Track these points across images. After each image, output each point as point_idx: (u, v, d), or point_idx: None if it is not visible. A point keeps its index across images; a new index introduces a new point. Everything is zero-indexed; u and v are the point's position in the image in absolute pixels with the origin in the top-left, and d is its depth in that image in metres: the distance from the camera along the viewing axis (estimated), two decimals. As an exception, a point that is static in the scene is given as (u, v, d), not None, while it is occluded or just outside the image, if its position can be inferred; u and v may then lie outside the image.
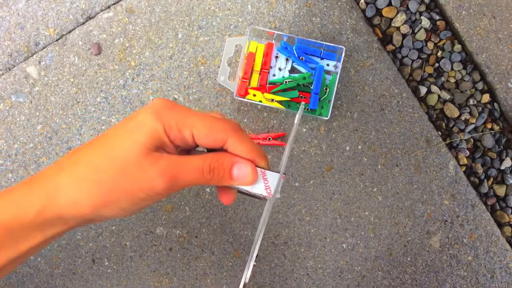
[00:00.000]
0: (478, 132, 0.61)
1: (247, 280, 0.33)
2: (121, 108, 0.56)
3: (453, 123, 0.61)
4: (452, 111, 0.61)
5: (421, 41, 0.61)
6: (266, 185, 0.33)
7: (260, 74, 0.54)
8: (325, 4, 0.58)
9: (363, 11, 0.60)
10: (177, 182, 0.31)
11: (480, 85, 0.61)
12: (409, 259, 0.57)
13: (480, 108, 0.61)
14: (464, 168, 0.60)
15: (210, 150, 0.35)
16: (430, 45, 0.61)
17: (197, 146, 0.34)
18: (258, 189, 0.33)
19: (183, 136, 0.32)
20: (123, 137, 0.31)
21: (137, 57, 0.56)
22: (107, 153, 0.31)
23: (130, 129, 0.31)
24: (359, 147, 0.57)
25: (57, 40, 0.56)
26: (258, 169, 0.33)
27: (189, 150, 0.35)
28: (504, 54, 0.60)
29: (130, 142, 0.31)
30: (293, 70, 0.55)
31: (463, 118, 0.61)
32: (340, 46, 0.53)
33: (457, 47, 0.61)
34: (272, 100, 0.54)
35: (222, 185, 0.34)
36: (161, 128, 0.31)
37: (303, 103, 0.36)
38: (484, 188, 0.60)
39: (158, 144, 0.31)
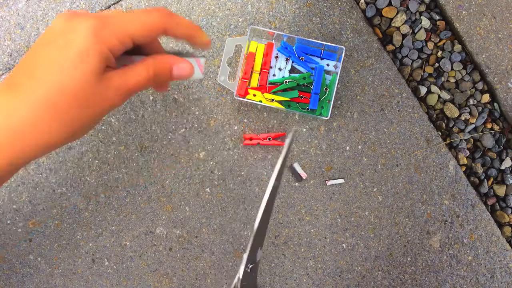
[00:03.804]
0: (478, 132, 0.61)
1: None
2: (121, 108, 0.56)
3: (453, 123, 0.61)
4: (452, 111, 0.61)
5: (421, 41, 0.61)
6: (201, 69, 0.38)
7: (260, 74, 0.54)
8: (325, 4, 0.58)
9: (363, 11, 0.60)
10: (130, 94, 0.35)
11: (480, 85, 0.61)
12: (409, 259, 0.57)
13: (480, 108, 0.61)
14: (464, 168, 0.60)
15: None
16: (430, 45, 0.61)
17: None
18: (196, 75, 0.38)
19: (125, 47, 0.33)
20: (72, 69, 0.31)
21: (137, 57, 0.56)
22: (62, 90, 0.31)
23: (77, 60, 0.31)
24: (359, 147, 0.57)
25: (57, 40, 0.56)
26: (192, 59, 0.37)
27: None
28: (504, 54, 0.60)
29: (82, 74, 0.31)
30: (293, 70, 0.55)
31: (463, 118, 0.61)
32: (340, 46, 0.53)
33: (457, 47, 0.61)
34: (272, 100, 0.54)
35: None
36: (106, 50, 0.32)
37: (290, 133, 0.38)
38: (484, 188, 0.60)
39: (106, 65, 0.32)
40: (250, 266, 0.37)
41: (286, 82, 0.54)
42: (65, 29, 0.32)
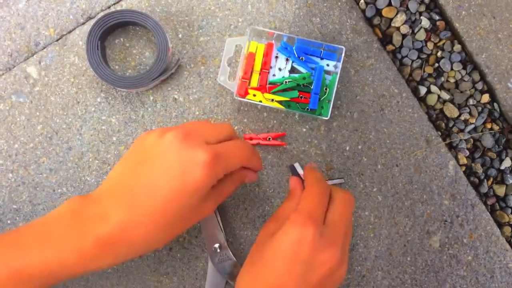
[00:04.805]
0: (477, 132, 0.61)
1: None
2: (121, 108, 0.56)
3: (453, 123, 0.61)
4: (451, 111, 0.61)
5: (421, 41, 0.61)
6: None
7: (260, 74, 0.54)
8: (325, 4, 0.58)
9: (363, 11, 0.60)
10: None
11: (479, 85, 0.61)
12: (409, 259, 0.57)
13: (480, 108, 0.61)
14: (463, 168, 0.60)
15: None
16: (430, 45, 0.61)
17: None
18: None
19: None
20: (187, 198, 0.36)
21: (137, 57, 0.56)
22: (175, 213, 0.37)
23: (191, 189, 0.36)
24: (359, 147, 0.57)
25: (57, 40, 0.56)
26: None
27: None
28: (504, 54, 0.60)
29: (193, 200, 0.37)
30: (293, 70, 0.55)
31: (462, 118, 0.61)
32: (340, 46, 0.53)
33: (457, 47, 0.61)
34: (272, 100, 0.54)
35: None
36: (215, 181, 0.38)
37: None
38: (484, 188, 0.60)
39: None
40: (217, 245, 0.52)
41: (286, 82, 0.54)
42: (183, 158, 0.36)
